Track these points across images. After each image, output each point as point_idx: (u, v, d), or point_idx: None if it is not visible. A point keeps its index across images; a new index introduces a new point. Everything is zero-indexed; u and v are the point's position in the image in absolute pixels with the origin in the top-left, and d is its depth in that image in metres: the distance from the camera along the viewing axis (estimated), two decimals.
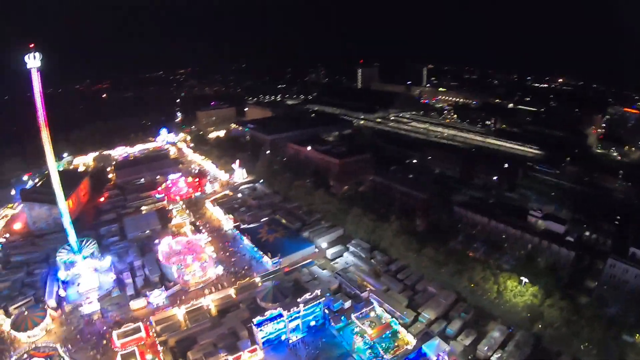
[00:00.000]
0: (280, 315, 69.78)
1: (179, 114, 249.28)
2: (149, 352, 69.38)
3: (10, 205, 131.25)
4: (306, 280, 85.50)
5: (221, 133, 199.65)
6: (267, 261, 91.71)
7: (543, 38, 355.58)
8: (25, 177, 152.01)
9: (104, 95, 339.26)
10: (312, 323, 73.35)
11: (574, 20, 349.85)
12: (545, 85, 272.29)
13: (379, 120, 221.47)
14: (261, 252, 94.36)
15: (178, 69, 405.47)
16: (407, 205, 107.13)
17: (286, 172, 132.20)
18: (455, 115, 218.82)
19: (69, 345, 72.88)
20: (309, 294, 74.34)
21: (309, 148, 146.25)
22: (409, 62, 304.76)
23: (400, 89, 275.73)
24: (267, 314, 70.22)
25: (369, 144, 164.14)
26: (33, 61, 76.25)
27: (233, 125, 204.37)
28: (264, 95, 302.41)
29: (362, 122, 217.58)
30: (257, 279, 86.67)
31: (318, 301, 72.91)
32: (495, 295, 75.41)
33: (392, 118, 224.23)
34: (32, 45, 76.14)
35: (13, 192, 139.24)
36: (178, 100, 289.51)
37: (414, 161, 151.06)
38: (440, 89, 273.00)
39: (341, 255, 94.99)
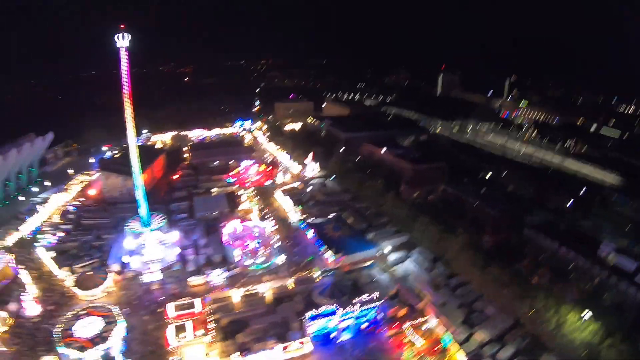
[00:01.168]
0: (334, 313, 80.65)
1: (257, 103, 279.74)
2: (201, 327, 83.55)
3: (88, 172, 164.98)
4: (365, 282, 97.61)
5: (297, 126, 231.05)
6: (329, 257, 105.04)
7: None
8: (104, 148, 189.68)
9: (186, 79, 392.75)
10: (364, 326, 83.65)
11: None
12: (633, 108, 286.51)
13: (456, 129, 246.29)
14: (324, 248, 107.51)
15: (260, 59, 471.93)
16: (477, 220, 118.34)
17: (358, 172, 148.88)
18: (535, 132, 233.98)
19: (126, 309, 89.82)
20: (366, 295, 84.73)
21: (383, 150, 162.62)
22: (491, 72, 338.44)
23: (480, 99, 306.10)
24: (321, 309, 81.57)
25: (443, 152, 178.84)
26: (122, 41, 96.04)
27: (310, 120, 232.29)
28: (342, 92, 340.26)
29: (438, 129, 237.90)
30: (316, 274, 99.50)
31: (374, 304, 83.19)
32: (553, 326, 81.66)
33: (470, 128, 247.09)
34: (123, 26, 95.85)
35: (92, 160, 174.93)
36: (257, 90, 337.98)
37: (488, 175, 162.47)
38: (522, 103, 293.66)
39: (403, 262, 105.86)
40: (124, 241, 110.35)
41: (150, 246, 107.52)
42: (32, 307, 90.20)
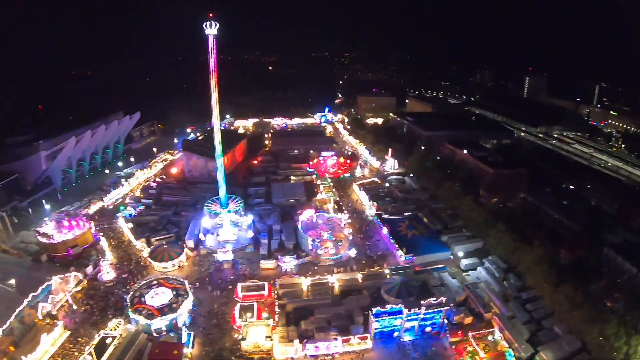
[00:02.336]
0: (400, 312, 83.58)
1: (340, 95, 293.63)
2: (266, 310, 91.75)
3: (171, 152, 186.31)
4: (434, 285, 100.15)
5: (379, 120, 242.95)
6: (400, 256, 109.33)
7: None
8: (188, 130, 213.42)
9: (271, 68, 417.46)
10: (428, 329, 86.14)
11: None
12: None
13: (540, 135, 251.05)
14: (396, 246, 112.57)
15: (344, 52, 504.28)
16: (555, 233, 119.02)
17: (437, 171, 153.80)
18: (624, 145, 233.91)
19: (196, 284, 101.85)
20: (434, 298, 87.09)
21: (464, 151, 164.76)
22: (581, 77, 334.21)
23: (568, 105, 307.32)
24: (387, 307, 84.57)
25: (526, 158, 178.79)
26: (210, 29, 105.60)
27: (391, 115, 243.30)
28: (425, 90, 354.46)
29: (522, 134, 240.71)
30: (386, 271, 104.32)
31: (440, 308, 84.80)
32: (622, 357, 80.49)
33: (555, 135, 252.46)
34: (211, 15, 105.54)
35: (176, 140, 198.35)
36: (341, 82, 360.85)
37: (571, 187, 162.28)
38: (612, 112, 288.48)
39: (475, 269, 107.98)
40: (201, 220, 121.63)
41: (226, 227, 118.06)
42: (107, 273, 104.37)
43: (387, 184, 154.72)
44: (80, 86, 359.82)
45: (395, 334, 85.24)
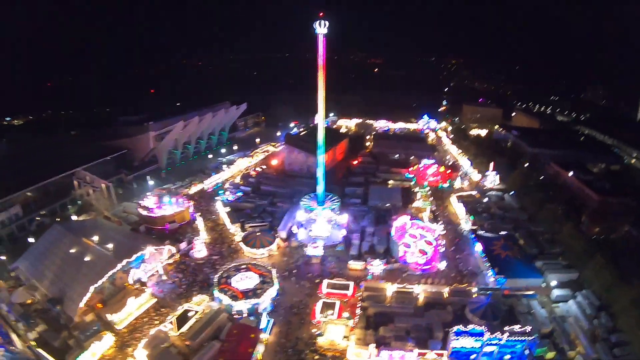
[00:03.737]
0: (481, 335, 79.95)
1: (444, 103, 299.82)
2: (348, 310, 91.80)
3: (273, 144, 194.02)
4: (521, 312, 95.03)
5: (483, 132, 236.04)
6: (491, 276, 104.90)
7: None
8: (292, 124, 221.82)
9: (376, 69, 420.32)
10: (507, 357, 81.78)
11: None
12: None
13: None
14: (488, 265, 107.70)
15: (451, 57, 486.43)
16: None
17: (539, 191, 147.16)
18: None
19: (286, 273, 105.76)
20: (519, 326, 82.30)
21: (570, 173, 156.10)
22: None
23: None
24: (470, 327, 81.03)
25: (635, 188, 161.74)
26: (321, 28, 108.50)
27: (496, 127, 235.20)
28: (533, 103, 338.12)
29: (633, 160, 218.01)
30: (474, 289, 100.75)
31: (524, 338, 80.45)
32: None
33: None
34: (322, 14, 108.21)
35: (279, 133, 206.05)
36: (446, 89, 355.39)
37: None
38: None
39: (566, 301, 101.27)
40: (296, 213, 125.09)
41: (320, 223, 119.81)
42: (200, 251, 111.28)
43: (485, 199, 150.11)
44: (189, 75, 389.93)
45: (473, 357, 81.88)
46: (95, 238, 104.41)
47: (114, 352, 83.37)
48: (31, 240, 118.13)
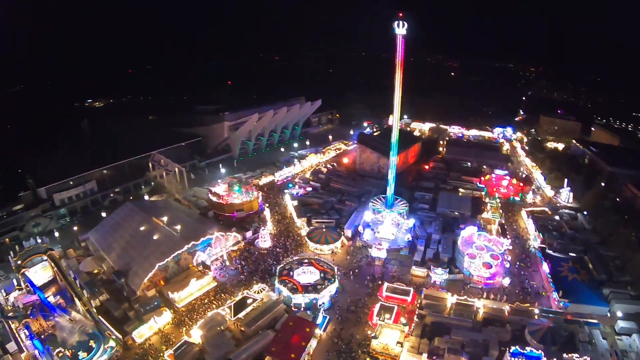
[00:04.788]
0: (538, 359, 76.98)
1: (521, 112, 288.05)
2: (405, 316, 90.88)
3: (345, 142, 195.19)
4: (581, 340, 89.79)
5: (559, 145, 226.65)
6: (555, 298, 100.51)
7: None
8: (365, 124, 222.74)
9: (453, 73, 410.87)
10: None
11: None
12: None
13: None
14: (554, 286, 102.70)
15: (530, 65, 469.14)
16: None
17: (615, 214, 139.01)
18: None
19: (350, 273, 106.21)
20: (577, 355, 78.72)
21: None
22: None
23: None
24: (527, 349, 78.28)
25: None
26: (400, 29, 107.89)
27: (574, 142, 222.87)
28: (614, 119, 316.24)
29: None
30: (536, 310, 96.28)
31: None
32: None
33: None
34: (401, 14, 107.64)
35: (352, 132, 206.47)
36: (524, 98, 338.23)
37: None
38: None
39: (630, 335, 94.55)
40: (364, 213, 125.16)
41: (386, 225, 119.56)
42: (265, 241, 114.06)
43: (557, 217, 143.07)
44: (266, 69, 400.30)
45: None
46: (165, 218, 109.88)
47: (171, 328, 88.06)
48: (103, 214, 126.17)
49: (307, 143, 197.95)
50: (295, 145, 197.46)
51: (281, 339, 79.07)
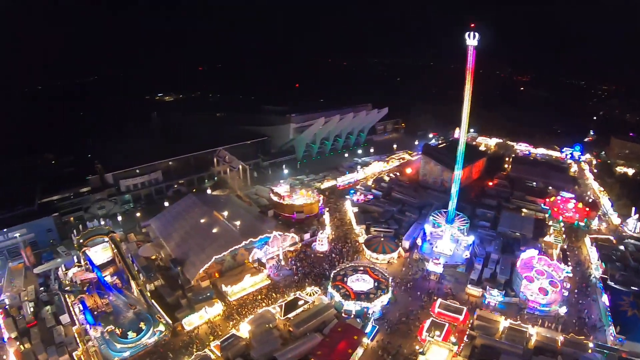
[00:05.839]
0: None
1: (591, 132, 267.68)
2: (455, 335, 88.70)
3: (410, 152, 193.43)
4: None
5: (630, 171, 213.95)
6: (611, 333, 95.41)
7: None
8: (430, 135, 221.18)
9: (522, 88, 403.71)
10: None
11: None
12: None
13: None
14: (611, 320, 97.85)
15: (603, 82, 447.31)
16: None
17: None
18: None
19: (398, 283, 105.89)
20: None
21: None
22: None
23: None
24: None
25: None
26: (471, 40, 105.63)
27: None
28: None
29: None
30: (591, 344, 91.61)
31: None
32: None
33: None
34: (473, 25, 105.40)
35: (417, 142, 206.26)
36: (595, 118, 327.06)
37: None
38: None
39: None
40: (424, 225, 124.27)
41: (445, 240, 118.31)
42: (322, 244, 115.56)
43: (622, 247, 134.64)
44: (334, 73, 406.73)
45: None
46: (225, 213, 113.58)
47: (220, 320, 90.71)
48: (166, 204, 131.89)
49: (372, 150, 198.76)
50: (359, 151, 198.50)
51: (328, 343, 79.45)
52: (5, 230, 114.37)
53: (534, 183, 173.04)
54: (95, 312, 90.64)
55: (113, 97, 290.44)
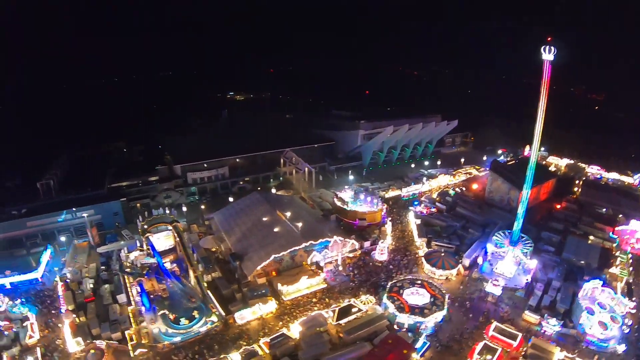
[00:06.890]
0: None
1: None
2: None
3: (477, 167, 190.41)
4: None
5: None
6: None
7: None
8: (499, 151, 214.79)
9: (597, 107, 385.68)
10: None
11: None
12: None
13: None
14: None
15: None
16: None
17: None
18: None
19: (455, 301, 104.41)
20: None
21: None
22: None
23: None
24: None
25: None
26: (547, 54, 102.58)
27: None
28: None
29: None
30: None
31: None
32: None
33: None
34: (550, 38, 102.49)
35: (485, 158, 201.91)
36: None
37: None
38: None
39: None
40: (486, 244, 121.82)
41: (507, 262, 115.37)
42: (381, 254, 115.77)
43: None
44: (405, 83, 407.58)
45: None
46: (288, 214, 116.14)
47: (272, 318, 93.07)
48: (230, 199, 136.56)
49: (439, 163, 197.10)
50: (426, 163, 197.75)
51: (377, 354, 79.84)
52: (74, 209, 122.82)
53: (604, 209, 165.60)
54: (152, 296, 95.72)
55: (186, 93, 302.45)
